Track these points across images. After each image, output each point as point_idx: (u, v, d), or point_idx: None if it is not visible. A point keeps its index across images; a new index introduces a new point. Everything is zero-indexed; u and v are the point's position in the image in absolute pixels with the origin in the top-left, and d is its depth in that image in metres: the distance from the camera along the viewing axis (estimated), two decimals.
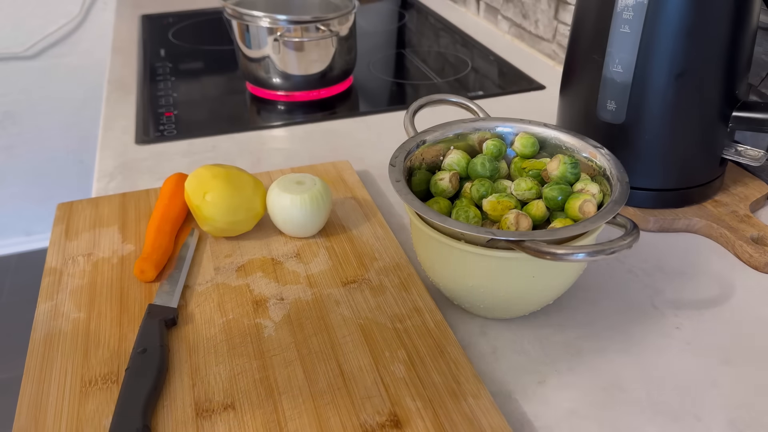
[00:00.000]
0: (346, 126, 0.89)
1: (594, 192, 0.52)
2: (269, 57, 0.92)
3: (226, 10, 0.93)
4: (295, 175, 0.63)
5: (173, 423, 0.44)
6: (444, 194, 0.55)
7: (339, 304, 0.55)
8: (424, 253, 0.53)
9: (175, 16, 1.36)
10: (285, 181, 0.62)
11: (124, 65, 1.11)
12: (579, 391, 0.49)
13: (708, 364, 0.51)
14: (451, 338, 0.51)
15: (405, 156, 0.54)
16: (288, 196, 0.60)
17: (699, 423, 0.46)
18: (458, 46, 1.19)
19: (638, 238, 0.44)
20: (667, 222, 0.66)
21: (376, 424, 0.44)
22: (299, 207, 0.60)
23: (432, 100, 0.63)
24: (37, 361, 0.49)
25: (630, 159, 0.64)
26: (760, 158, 0.65)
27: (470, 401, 0.45)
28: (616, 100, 0.63)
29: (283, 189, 0.61)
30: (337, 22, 0.92)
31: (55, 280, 0.57)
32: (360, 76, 1.06)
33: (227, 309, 0.54)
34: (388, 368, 0.48)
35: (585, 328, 0.54)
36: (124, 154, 0.82)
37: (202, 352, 0.50)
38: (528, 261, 0.46)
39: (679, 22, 0.59)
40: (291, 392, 0.46)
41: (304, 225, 0.61)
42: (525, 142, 0.57)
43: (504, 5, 1.22)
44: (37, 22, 1.87)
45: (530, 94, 0.99)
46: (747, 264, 0.61)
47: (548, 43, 1.10)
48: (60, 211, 0.67)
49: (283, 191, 0.61)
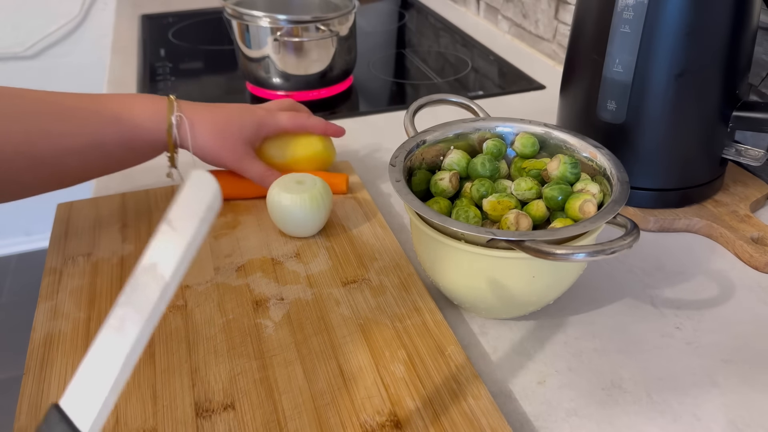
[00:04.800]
0: (346, 126, 0.89)
1: (594, 192, 0.52)
2: (269, 57, 0.92)
3: (226, 10, 0.93)
4: (296, 174, 0.63)
5: (173, 423, 0.44)
6: (444, 194, 0.55)
7: (339, 304, 0.55)
8: (424, 253, 0.53)
9: (175, 16, 1.36)
10: (285, 181, 0.62)
11: (124, 65, 1.11)
12: (579, 391, 0.49)
13: (708, 364, 0.51)
14: (451, 338, 0.51)
15: (405, 156, 0.54)
16: (288, 195, 0.60)
17: (699, 423, 0.46)
18: (458, 46, 1.19)
19: (638, 238, 0.44)
20: (667, 222, 0.66)
21: (376, 424, 0.44)
22: (299, 207, 0.60)
23: (432, 100, 0.63)
24: (37, 361, 0.49)
25: (630, 159, 0.64)
26: (760, 158, 0.65)
27: (470, 401, 0.45)
28: (616, 100, 0.63)
29: (283, 188, 0.61)
30: (337, 22, 0.92)
31: (55, 280, 0.57)
32: (360, 76, 1.06)
33: (227, 309, 0.54)
34: (388, 368, 0.48)
35: (585, 328, 0.54)
36: None
37: (202, 352, 0.50)
38: (528, 261, 0.46)
39: (679, 22, 0.59)
40: (291, 392, 0.46)
41: (304, 224, 0.61)
42: (525, 142, 0.57)
43: (504, 5, 1.22)
44: (37, 22, 1.87)
45: (530, 94, 0.99)
46: (747, 264, 0.61)
47: (548, 43, 1.10)
48: (60, 211, 0.67)
49: (283, 191, 0.61)
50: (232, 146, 0.63)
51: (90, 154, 0.58)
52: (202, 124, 0.63)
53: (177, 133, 0.61)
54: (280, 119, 0.67)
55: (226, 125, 0.63)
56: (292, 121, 0.67)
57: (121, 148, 0.59)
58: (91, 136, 0.57)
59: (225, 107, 0.65)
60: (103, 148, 0.58)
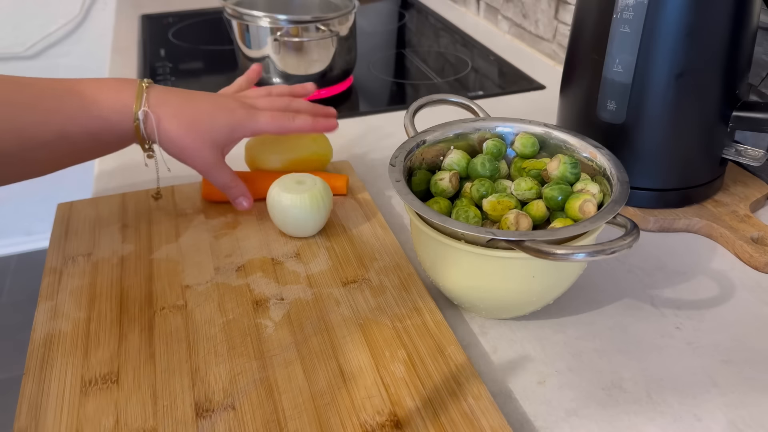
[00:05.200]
0: (346, 126, 0.89)
1: (594, 192, 0.52)
2: (269, 57, 0.92)
3: (226, 10, 0.93)
4: (296, 174, 0.63)
5: (173, 423, 0.44)
6: (444, 194, 0.55)
7: (339, 304, 0.55)
8: (424, 253, 0.53)
9: (175, 16, 1.36)
10: (285, 181, 0.62)
11: (124, 65, 1.11)
12: (579, 391, 0.49)
13: (708, 364, 0.51)
14: (451, 338, 0.51)
15: (405, 156, 0.54)
16: (288, 195, 0.60)
17: (699, 423, 0.46)
18: (458, 46, 1.19)
19: (638, 238, 0.44)
20: (667, 222, 0.66)
21: (376, 424, 0.44)
22: (299, 207, 0.60)
23: (432, 100, 0.63)
24: (37, 361, 0.49)
25: (630, 159, 0.64)
26: (760, 158, 0.65)
27: (470, 401, 0.45)
28: (616, 100, 0.63)
29: (283, 189, 0.61)
30: (337, 22, 0.92)
31: (55, 280, 0.57)
32: (360, 76, 1.06)
33: (227, 309, 0.54)
34: (388, 368, 0.48)
35: (585, 328, 0.54)
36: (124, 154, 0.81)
37: (202, 352, 0.50)
38: (528, 261, 0.46)
39: (679, 22, 0.59)
40: (291, 392, 0.46)
41: (304, 225, 0.61)
42: (525, 142, 0.57)
43: (504, 5, 1.22)
44: (37, 22, 1.87)
45: (530, 94, 0.99)
46: (747, 264, 0.61)
47: (548, 43, 1.10)
48: (60, 211, 0.67)
49: (283, 191, 0.61)
50: (199, 147, 0.58)
51: (58, 147, 0.55)
52: (169, 119, 0.57)
53: (144, 128, 0.57)
54: (259, 121, 0.60)
55: (195, 123, 0.58)
56: (273, 123, 0.60)
57: (90, 140, 0.56)
58: (58, 128, 0.54)
59: (199, 100, 0.60)
60: (71, 140, 0.55)
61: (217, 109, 0.59)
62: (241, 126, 0.59)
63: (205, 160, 0.58)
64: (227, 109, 0.59)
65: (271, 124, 0.60)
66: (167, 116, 0.57)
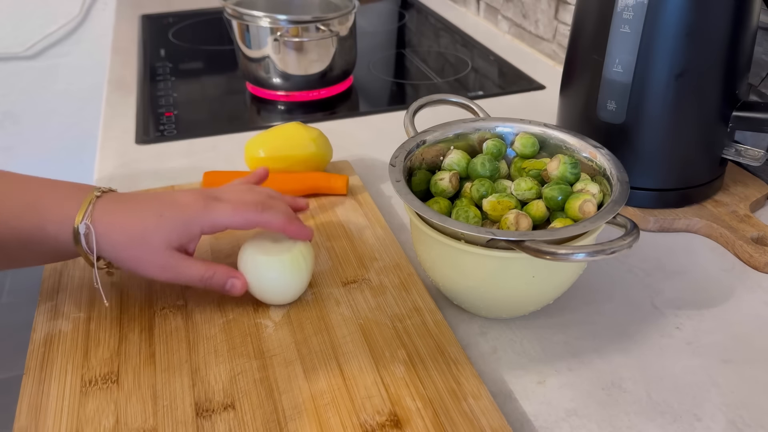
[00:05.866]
0: (346, 126, 0.89)
1: (594, 192, 0.52)
2: (269, 57, 0.92)
3: (226, 10, 0.93)
4: (269, 233, 0.55)
5: (173, 423, 0.44)
6: (444, 194, 0.55)
7: (339, 304, 0.55)
8: (424, 253, 0.53)
9: (175, 16, 1.36)
10: (259, 241, 0.54)
11: (124, 65, 1.11)
12: (579, 391, 0.49)
13: (708, 364, 0.51)
14: (451, 338, 0.51)
15: (405, 156, 0.54)
16: (264, 258, 0.52)
17: (699, 423, 0.46)
18: (458, 46, 1.19)
19: (638, 238, 0.44)
20: (667, 222, 0.66)
21: (376, 424, 0.44)
22: (277, 270, 0.52)
23: (432, 100, 0.63)
24: (37, 361, 0.49)
25: (630, 159, 0.64)
26: (760, 158, 0.65)
27: (470, 401, 0.45)
28: (616, 100, 0.63)
29: (258, 250, 0.53)
30: (337, 22, 0.92)
31: (55, 280, 0.57)
32: (360, 76, 1.06)
33: (227, 309, 0.54)
34: (388, 368, 0.48)
35: (585, 328, 0.54)
36: (124, 155, 0.82)
37: (202, 352, 0.50)
38: (528, 261, 0.46)
39: (679, 22, 0.59)
40: (291, 392, 0.46)
41: (282, 291, 0.53)
42: (525, 142, 0.57)
43: (504, 5, 1.22)
44: (37, 22, 1.87)
45: (530, 94, 0.99)
46: (747, 264, 0.61)
47: (548, 43, 1.10)
48: None
49: (258, 253, 0.53)
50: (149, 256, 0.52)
51: None
52: (114, 234, 0.51)
53: (85, 243, 0.50)
54: (217, 213, 0.53)
55: (144, 231, 0.51)
56: (234, 215, 0.53)
57: (24, 250, 0.50)
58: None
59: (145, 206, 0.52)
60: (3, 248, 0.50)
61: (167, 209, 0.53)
62: (196, 220, 0.52)
63: (163, 265, 0.52)
64: (179, 206, 0.53)
65: (231, 215, 0.53)
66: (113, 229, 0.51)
